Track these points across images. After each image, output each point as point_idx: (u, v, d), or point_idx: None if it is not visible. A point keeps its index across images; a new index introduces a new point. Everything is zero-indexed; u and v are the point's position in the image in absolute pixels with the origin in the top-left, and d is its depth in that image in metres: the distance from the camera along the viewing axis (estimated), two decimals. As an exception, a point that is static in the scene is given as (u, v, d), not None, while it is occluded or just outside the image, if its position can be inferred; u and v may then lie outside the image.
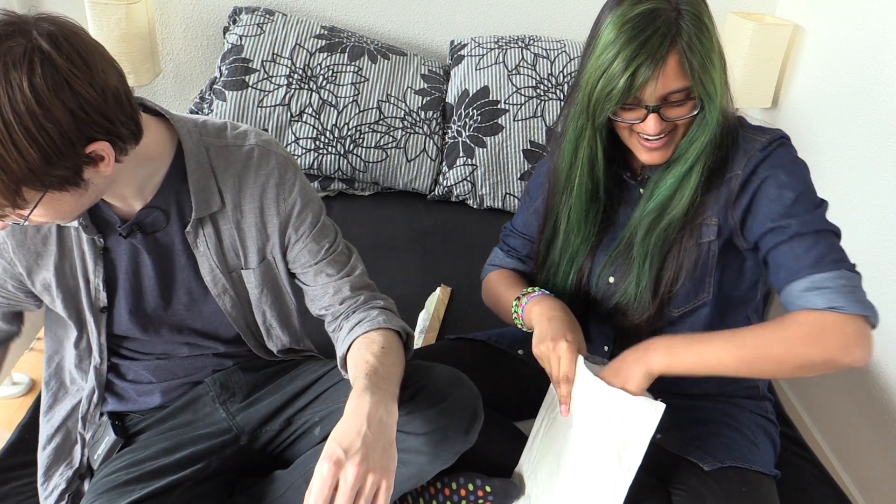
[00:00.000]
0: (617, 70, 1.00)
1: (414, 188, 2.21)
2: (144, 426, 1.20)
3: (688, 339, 1.03)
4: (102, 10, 2.06)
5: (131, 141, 0.94)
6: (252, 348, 1.23)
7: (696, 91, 1.02)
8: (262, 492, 1.15)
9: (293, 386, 1.22)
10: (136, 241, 1.09)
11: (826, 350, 0.96)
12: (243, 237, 1.12)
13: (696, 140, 1.08)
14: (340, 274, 1.17)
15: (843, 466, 1.96)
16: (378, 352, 1.04)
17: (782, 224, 1.04)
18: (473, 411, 1.07)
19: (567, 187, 1.19)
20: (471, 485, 1.15)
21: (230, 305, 1.15)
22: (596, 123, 1.08)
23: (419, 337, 1.62)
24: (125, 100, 0.90)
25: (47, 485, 1.17)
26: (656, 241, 1.13)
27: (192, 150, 1.06)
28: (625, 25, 1.00)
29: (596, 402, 1.06)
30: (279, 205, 1.11)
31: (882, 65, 1.85)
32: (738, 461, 1.11)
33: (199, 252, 1.10)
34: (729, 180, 1.09)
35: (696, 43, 1.00)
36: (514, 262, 1.38)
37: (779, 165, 1.07)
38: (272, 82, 2.09)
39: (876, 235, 1.82)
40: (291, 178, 1.12)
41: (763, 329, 1.01)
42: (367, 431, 0.87)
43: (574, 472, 1.09)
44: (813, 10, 2.20)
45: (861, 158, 1.91)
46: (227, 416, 1.20)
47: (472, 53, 2.23)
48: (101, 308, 1.12)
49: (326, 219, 1.18)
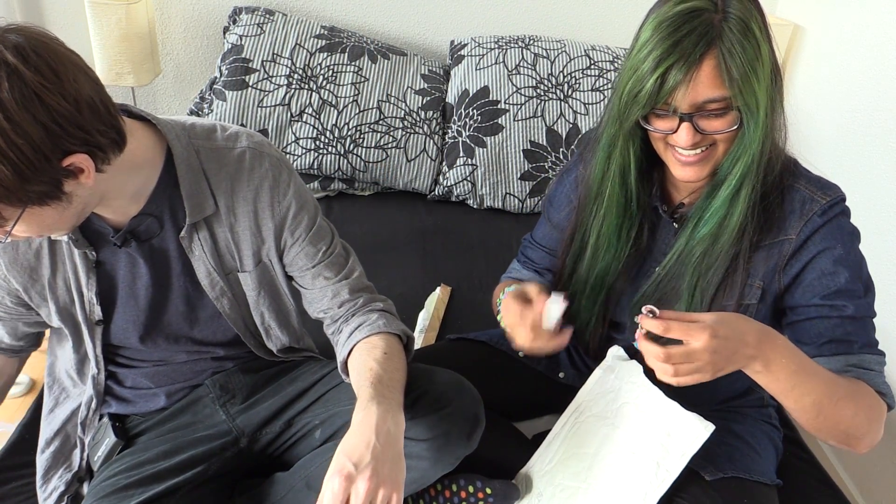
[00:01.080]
0: (646, 70, 0.92)
1: (414, 188, 2.21)
2: (145, 428, 1.19)
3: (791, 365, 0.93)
4: (102, 10, 2.06)
5: (113, 150, 0.91)
6: (252, 348, 1.22)
7: (736, 102, 0.93)
8: (263, 494, 1.15)
9: (293, 387, 1.21)
10: (131, 250, 1.07)
11: (871, 431, 0.98)
12: (238, 240, 1.11)
13: (739, 160, 0.99)
14: (338, 277, 1.15)
15: (844, 468, 1.96)
16: (381, 357, 1.03)
17: (837, 303, 1.01)
18: (475, 417, 1.07)
19: (598, 198, 1.12)
20: (471, 487, 1.14)
21: (228, 307, 1.15)
22: (624, 129, 1.01)
23: (419, 336, 1.62)
24: (102, 108, 0.88)
25: (46, 487, 1.17)
26: (706, 273, 1.05)
27: (182, 154, 1.03)
28: (662, 24, 0.92)
29: (646, 409, 1.07)
30: (274, 208, 1.09)
31: (882, 65, 1.85)
32: (740, 471, 1.11)
33: (195, 256, 1.09)
34: (781, 243, 1.03)
35: (738, 49, 0.90)
36: (531, 273, 1.33)
37: (837, 238, 1.01)
38: (272, 82, 2.09)
39: (876, 235, 1.82)
40: (286, 181, 1.10)
41: (844, 385, 0.97)
42: (376, 444, 0.87)
43: (607, 476, 1.09)
44: (813, 10, 2.20)
45: (861, 158, 1.91)
46: (227, 417, 1.20)
47: (472, 53, 2.23)
48: (97, 321, 1.11)
49: (322, 220, 1.16)
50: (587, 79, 2.18)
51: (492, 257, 1.95)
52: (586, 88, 2.17)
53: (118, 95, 2.42)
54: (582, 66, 2.20)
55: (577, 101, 2.16)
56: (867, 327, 1.03)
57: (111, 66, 2.14)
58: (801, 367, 0.93)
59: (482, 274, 1.88)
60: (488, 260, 1.94)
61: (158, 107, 2.47)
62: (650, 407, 1.06)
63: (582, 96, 2.17)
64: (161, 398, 1.20)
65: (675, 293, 1.10)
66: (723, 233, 1.03)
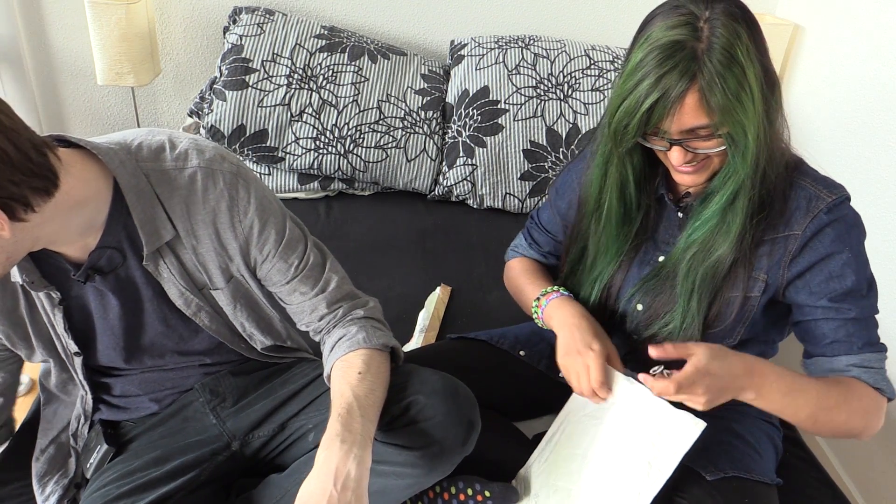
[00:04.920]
0: (633, 104, 0.96)
1: (414, 188, 2.21)
2: (136, 434, 1.18)
3: (781, 388, 1.01)
4: (102, 10, 2.06)
5: (40, 195, 0.86)
6: (241, 352, 1.19)
7: (719, 130, 0.97)
8: (258, 496, 1.14)
9: (286, 390, 1.20)
10: (97, 284, 1.03)
11: (868, 426, 1.06)
12: (203, 261, 1.06)
13: (730, 178, 1.02)
14: (314, 291, 1.12)
15: (844, 468, 1.96)
16: (355, 380, 1.01)
17: (843, 306, 1.05)
18: (469, 422, 1.05)
19: (596, 212, 1.15)
20: (470, 489, 1.14)
21: (208, 320, 1.11)
22: (619, 150, 1.05)
23: (419, 336, 1.62)
24: (19, 157, 0.81)
25: (43, 490, 1.17)
26: (703, 279, 1.08)
27: (130, 182, 0.97)
28: (651, 53, 0.95)
29: (635, 409, 1.06)
30: (235, 228, 1.04)
31: (882, 64, 1.85)
32: (740, 471, 1.11)
33: (164, 279, 1.05)
34: (787, 238, 1.05)
35: (719, 81, 0.92)
36: (536, 255, 1.39)
37: (846, 240, 1.04)
38: (272, 82, 2.09)
39: (876, 235, 1.82)
40: (244, 198, 1.03)
41: (835, 394, 1.03)
42: (333, 492, 0.88)
43: (600, 476, 1.09)
44: (813, 10, 2.20)
45: (861, 158, 1.91)
46: (217, 421, 1.19)
47: (472, 53, 2.23)
48: (75, 353, 1.09)
49: (291, 227, 1.10)
50: (587, 79, 2.18)
51: (492, 257, 1.95)
52: (586, 88, 2.17)
53: (118, 95, 2.42)
54: (582, 66, 2.20)
55: (577, 101, 2.16)
56: (869, 326, 1.07)
57: (111, 66, 2.14)
58: (792, 388, 1.01)
59: (482, 274, 1.88)
60: (488, 260, 1.94)
61: (158, 107, 2.47)
62: (640, 406, 1.06)
63: (582, 96, 2.17)
64: (151, 404, 1.19)
65: (672, 288, 1.12)
66: (719, 240, 1.06)
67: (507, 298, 1.45)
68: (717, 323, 1.11)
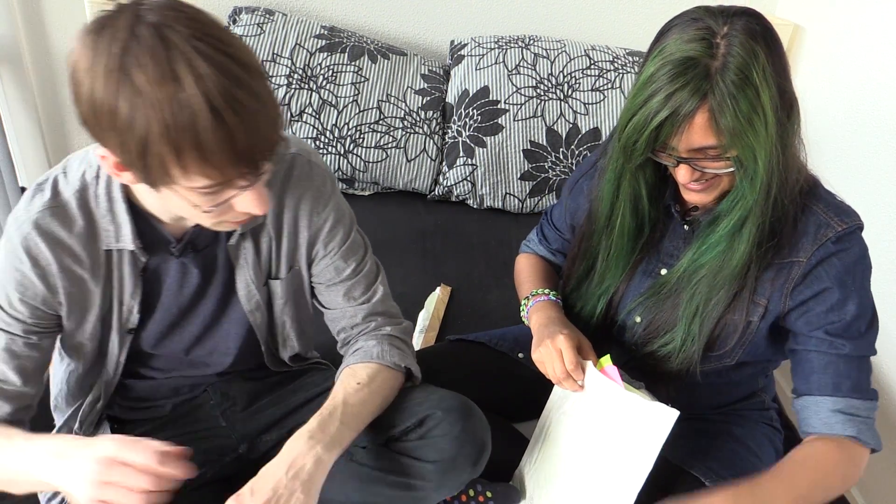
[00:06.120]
0: (642, 120, 0.93)
1: (414, 188, 2.21)
2: (143, 432, 1.18)
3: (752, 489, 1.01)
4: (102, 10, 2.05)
5: None
6: (266, 360, 1.20)
7: (729, 153, 0.93)
8: None
9: (296, 398, 1.21)
10: (186, 260, 1.05)
11: (847, 483, 1.06)
12: (278, 246, 1.09)
13: (738, 204, 0.99)
14: (360, 299, 1.14)
15: (843, 466, 1.97)
16: (352, 388, 1.03)
17: (837, 341, 1.02)
18: (482, 443, 1.06)
19: (608, 228, 1.13)
20: (471, 490, 1.14)
21: (260, 320, 1.13)
22: (630, 165, 1.03)
23: (419, 336, 1.62)
24: None
25: None
26: (707, 304, 1.06)
27: None
28: (663, 68, 0.91)
29: (609, 405, 1.06)
30: (312, 218, 1.08)
31: (882, 65, 1.85)
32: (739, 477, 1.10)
33: (240, 265, 1.07)
34: (791, 265, 1.03)
35: (731, 103, 0.88)
36: (546, 252, 1.39)
37: (850, 273, 1.01)
38: (272, 82, 2.09)
39: (877, 235, 1.82)
40: (328, 193, 1.09)
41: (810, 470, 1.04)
42: (282, 478, 0.90)
43: (581, 474, 1.09)
44: (813, 10, 2.20)
45: (861, 158, 1.91)
46: (226, 424, 1.19)
47: (472, 53, 2.23)
48: (130, 329, 1.08)
49: (357, 234, 1.15)
50: (587, 79, 2.18)
51: (492, 257, 1.95)
52: (586, 88, 2.17)
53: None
54: (582, 66, 2.20)
55: (577, 101, 2.16)
56: (861, 368, 1.04)
57: (111, 66, 2.13)
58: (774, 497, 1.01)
59: (482, 274, 1.88)
60: (488, 260, 1.94)
61: (158, 107, 2.47)
62: (613, 401, 1.06)
63: (582, 96, 2.17)
64: (164, 407, 1.19)
65: (673, 308, 1.10)
66: (725, 266, 1.03)
67: (506, 298, 1.45)
68: (718, 346, 1.10)
